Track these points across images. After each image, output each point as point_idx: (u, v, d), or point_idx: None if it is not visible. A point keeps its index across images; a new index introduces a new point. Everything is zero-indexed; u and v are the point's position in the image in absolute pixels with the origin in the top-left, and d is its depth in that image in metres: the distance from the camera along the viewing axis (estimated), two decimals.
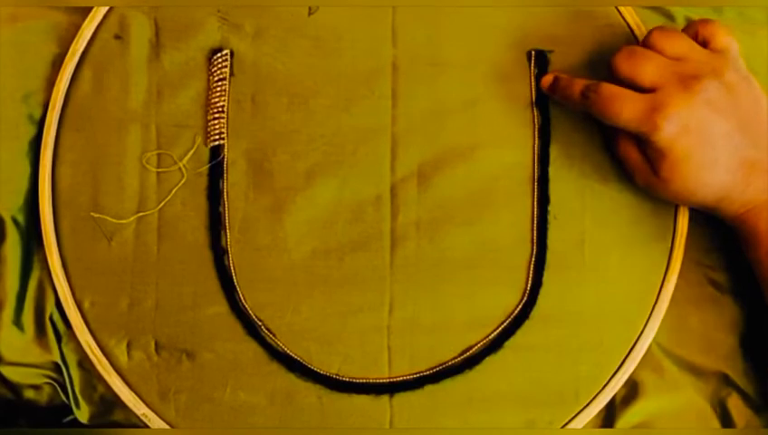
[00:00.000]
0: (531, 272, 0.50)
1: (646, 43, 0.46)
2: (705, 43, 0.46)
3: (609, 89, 0.45)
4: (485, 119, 0.51)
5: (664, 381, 0.51)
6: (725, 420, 0.51)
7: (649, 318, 0.50)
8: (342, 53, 0.51)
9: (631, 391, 0.51)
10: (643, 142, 0.45)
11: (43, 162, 0.50)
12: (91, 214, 0.50)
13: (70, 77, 0.51)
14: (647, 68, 0.44)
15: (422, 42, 0.51)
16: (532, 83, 0.51)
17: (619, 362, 0.50)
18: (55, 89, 0.50)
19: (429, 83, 0.51)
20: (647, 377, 0.51)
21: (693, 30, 0.47)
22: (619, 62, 0.45)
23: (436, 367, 0.50)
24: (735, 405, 0.51)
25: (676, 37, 0.46)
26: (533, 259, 0.50)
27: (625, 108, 0.44)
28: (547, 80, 0.50)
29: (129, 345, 0.50)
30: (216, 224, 0.50)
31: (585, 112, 0.49)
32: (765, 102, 0.46)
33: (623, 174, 0.50)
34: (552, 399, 0.50)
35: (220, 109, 0.51)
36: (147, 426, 0.49)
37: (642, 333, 0.50)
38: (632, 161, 0.47)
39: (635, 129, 0.44)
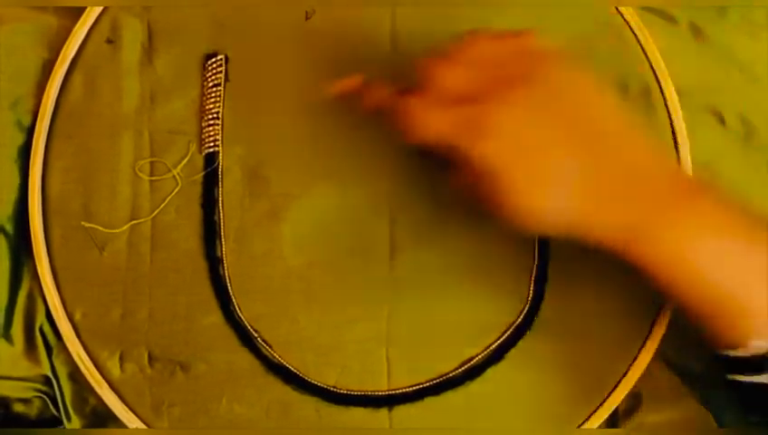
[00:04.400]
0: (533, 282, 0.49)
1: (456, 49, 0.40)
2: (522, 51, 0.40)
3: (411, 102, 0.39)
4: None
5: (666, 393, 0.50)
6: None
7: (651, 329, 0.49)
8: (340, 58, 0.50)
9: (634, 402, 0.50)
10: (463, 165, 0.39)
11: (33, 170, 0.49)
12: (83, 223, 0.49)
13: (60, 82, 0.50)
14: (452, 75, 0.39)
15: (422, 47, 0.49)
16: None
17: (622, 374, 0.49)
18: (45, 94, 0.49)
19: None
20: (649, 388, 0.50)
21: (507, 37, 0.41)
22: (423, 71, 0.39)
23: (436, 379, 0.49)
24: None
25: (487, 41, 0.40)
26: (535, 269, 0.49)
27: (432, 126, 0.38)
28: (343, 85, 0.44)
29: (121, 357, 0.49)
30: (210, 233, 0.49)
31: None
32: (600, 98, 0.40)
33: None
34: (554, 411, 0.49)
35: (215, 115, 0.50)
36: None
37: (644, 344, 0.49)
38: (465, 188, 0.40)
39: (447, 147, 0.38)
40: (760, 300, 0.37)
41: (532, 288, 0.49)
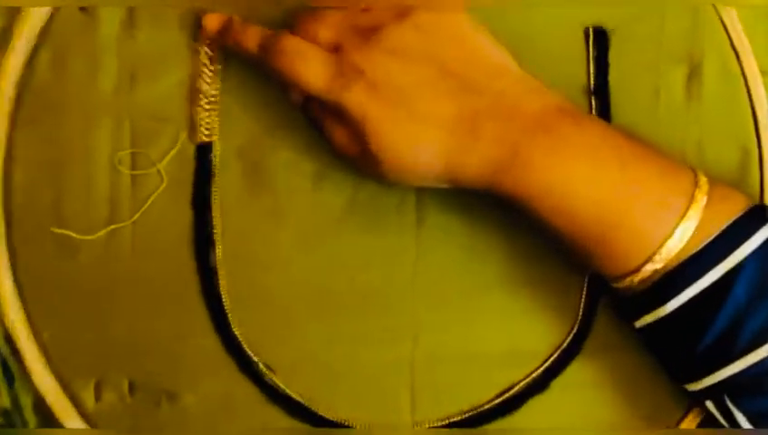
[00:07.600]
0: (584, 295, 0.46)
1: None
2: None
3: (292, 43, 0.40)
4: None
5: None
6: None
7: None
8: None
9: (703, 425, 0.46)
10: (340, 114, 0.40)
11: None
12: (52, 229, 0.45)
13: (24, 59, 0.46)
14: (323, 25, 0.40)
15: None
16: (591, 67, 0.46)
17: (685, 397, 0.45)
18: (4, 72, 0.45)
19: None
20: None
21: None
22: (296, 22, 0.41)
23: (468, 411, 0.46)
24: None
25: None
26: (588, 279, 0.46)
27: (310, 67, 0.39)
28: (214, 20, 0.44)
29: (97, 386, 0.46)
30: (202, 238, 0.46)
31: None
32: (480, 39, 0.40)
33: None
34: None
35: (209, 98, 0.46)
36: None
37: None
38: (342, 143, 0.41)
39: (322, 94, 0.40)
40: (638, 219, 0.39)
41: (583, 304, 0.46)
